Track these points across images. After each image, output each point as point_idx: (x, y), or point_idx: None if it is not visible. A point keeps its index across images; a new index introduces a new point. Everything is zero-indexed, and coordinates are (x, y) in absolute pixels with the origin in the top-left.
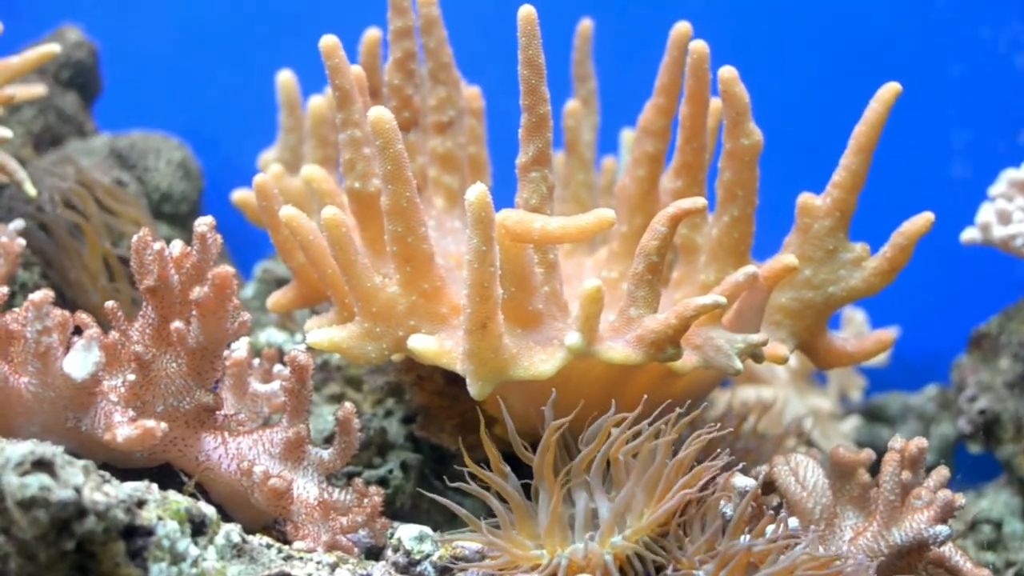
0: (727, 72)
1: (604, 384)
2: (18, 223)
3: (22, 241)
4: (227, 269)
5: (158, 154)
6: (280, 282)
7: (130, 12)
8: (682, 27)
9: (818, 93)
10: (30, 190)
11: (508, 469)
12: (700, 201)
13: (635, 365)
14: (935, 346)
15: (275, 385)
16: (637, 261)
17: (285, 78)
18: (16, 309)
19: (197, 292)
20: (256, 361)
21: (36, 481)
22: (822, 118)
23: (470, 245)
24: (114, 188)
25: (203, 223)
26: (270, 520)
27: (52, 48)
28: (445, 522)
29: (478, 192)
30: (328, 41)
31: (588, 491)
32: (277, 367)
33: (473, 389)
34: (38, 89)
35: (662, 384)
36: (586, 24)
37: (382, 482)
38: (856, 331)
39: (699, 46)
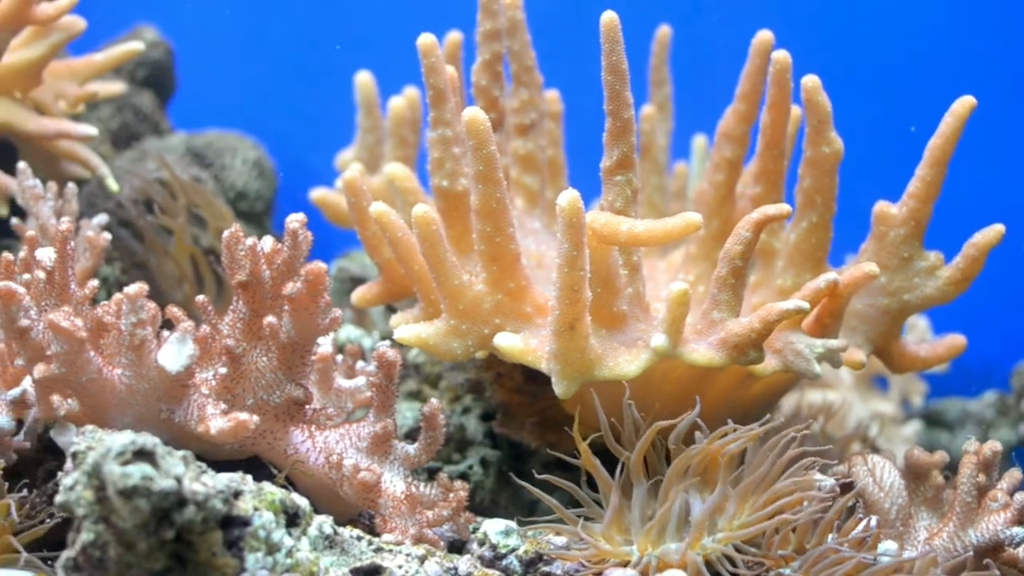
0: (811, 81)
1: (684, 385)
2: (101, 218)
3: (107, 235)
4: (320, 265)
5: (234, 153)
6: (355, 280)
7: (204, 13)
8: (764, 36)
9: (893, 102)
10: (112, 186)
11: (599, 463)
12: (785, 208)
13: (717, 367)
14: (994, 353)
15: (360, 380)
16: (721, 265)
17: (364, 79)
18: (105, 302)
19: (291, 287)
20: (339, 357)
21: (138, 471)
22: (898, 126)
23: (561, 249)
24: (197, 185)
25: (295, 220)
26: (355, 513)
27: (135, 46)
28: (523, 518)
29: (570, 197)
30: (426, 40)
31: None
32: (360, 363)
33: (559, 388)
34: (117, 87)
35: (740, 386)
36: (664, 31)
37: (462, 478)
38: (919, 337)
39: (782, 56)
